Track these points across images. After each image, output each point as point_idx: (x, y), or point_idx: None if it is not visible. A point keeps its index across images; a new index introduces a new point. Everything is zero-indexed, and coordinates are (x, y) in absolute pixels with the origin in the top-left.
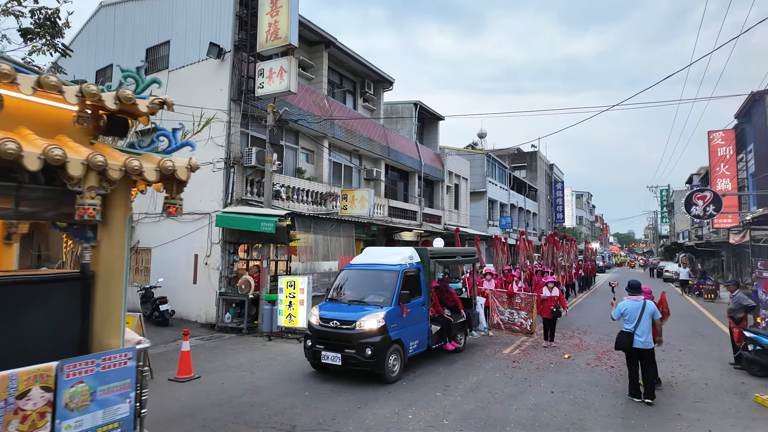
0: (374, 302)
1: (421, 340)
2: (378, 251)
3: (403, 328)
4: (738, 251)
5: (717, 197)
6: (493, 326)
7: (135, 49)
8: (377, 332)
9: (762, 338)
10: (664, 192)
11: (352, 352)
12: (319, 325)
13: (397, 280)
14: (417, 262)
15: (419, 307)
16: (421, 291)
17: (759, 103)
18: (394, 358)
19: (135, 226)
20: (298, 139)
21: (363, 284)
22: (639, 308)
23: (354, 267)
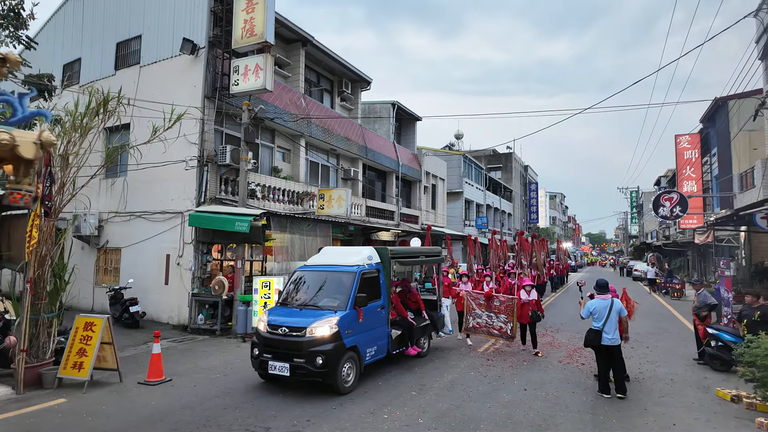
0: (328, 306)
1: (380, 345)
2: (336, 251)
3: (360, 333)
4: (703, 251)
5: (683, 199)
6: (469, 330)
7: (105, 43)
8: (329, 339)
9: (724, 335)
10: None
11: (301, 361)
12: (267, 333)
13: (354, 282)
14: (377, 262)
15: (378, 310)
16: (381, 293)
17: (722, 109)
18: (348, 367)
19: (104, 225)
20: (275, 138)
21: (317, 287)
22: (607, 307)
23: (308, 268)
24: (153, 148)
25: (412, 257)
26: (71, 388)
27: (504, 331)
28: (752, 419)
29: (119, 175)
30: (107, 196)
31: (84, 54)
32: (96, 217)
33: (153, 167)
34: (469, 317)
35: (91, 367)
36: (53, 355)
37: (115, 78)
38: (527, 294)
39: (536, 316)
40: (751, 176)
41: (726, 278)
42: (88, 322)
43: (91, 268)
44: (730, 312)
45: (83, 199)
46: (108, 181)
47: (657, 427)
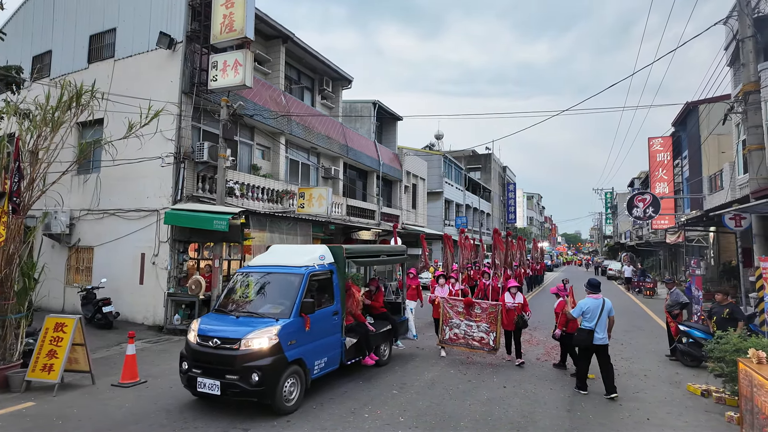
0: (269, 314)
1: (332, 356)
2: (285, 250)
3: (306, 344)
4: (674, 250)
5: (656, 200)
6: (445, 342)
7: (77, 35)
8: (268, 352)
9: (694, 331)
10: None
11: (234, 378)
12: (197, 344)
13: (301, 285)
14: (330, 263)
15: (329, 317)
16: (334, 297)
17: (693, 113)
18: (290, 383)
19: (75, 224)
20: (254, 135)
21: (259, 291)
22: (599, 306)
23: (251, 269)
24: (128, 145)
25: (372, 256)
26: (40, 391)
27: (485, 343)
28: (722, 413)
29: (92, 172)
30: (79, 194)
31: (55, 46)
32: (67, 215)
33: (128, 164)
34: (445, 327)
35: (62, 369)
36: (21, 357)
37: (88, 71)
38: (512, 297)
39: (522, 323)
40: (719, 179)
41: (696, 277)
42: (58, 322)
43: (62, 268)
44: (700, 309)
45: (54, 196)
46: (80, 178)
47: (632, 422)
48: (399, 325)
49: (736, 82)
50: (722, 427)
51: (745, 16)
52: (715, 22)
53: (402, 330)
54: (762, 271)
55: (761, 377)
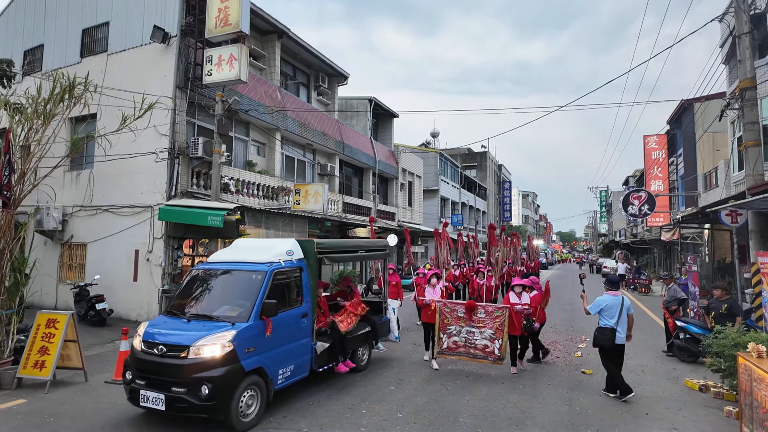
0: (224, 317)
1: (300, 363)
2: (249, 244)
3: (268, 351)
4: (669, 248)
5: (651, 197)
6: (443, 352)
7: (69, 29)
8: (221, 362)
9: (691, 327)
10: (603, 192)
11: (180, 391)
12: (141, 351)
13: (262, 284)
14: (298, 258)
15: (297, 319)
16: (303, 298)
17: (688, 111)
18: (248, 396)
19: (68, 220)
20: (249, 131)
21: (216, 290)
22: (619, 304)
23: (209, 266)
24: (121, 140)
25: (348, 252)
26: (32, 388)
27: (490, 351)
28: (720, 408)
29: (85, 167)
30: (72, 189)
31: (47, 40)
32: (60, 211)
33: (121, 159)
34: (443, 335)
35: (54, 366)
36: (12, 354)
37: (81, 66)
38: (518, 297)
39: (530, 327)
40: (714, 176)
41: (693, 273)
42: (50, 318)
43: (55, 264)
44: (696, 305)
45: (47, 191)
46: (73, 173)
47: (630, 417)
48: (380, 326)
49: (731, 80)
50: (721, 421)
51: (741, 13)
52: (711, 19)
53: (383, 332)
54: (760, 266)
55: (761, 371)
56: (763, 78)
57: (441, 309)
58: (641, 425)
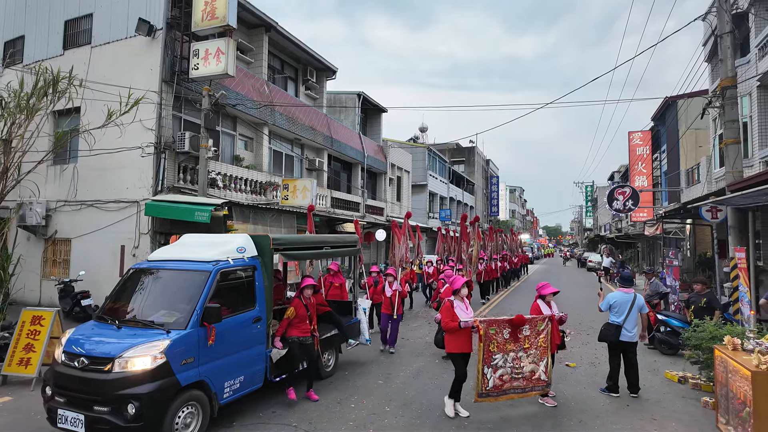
0: (159, 324)
1: (251, 373)
2: (196, 240)
3: (212, 361)
4: (652, 242)
5: (635, 193)
6: (487, 395)
7: (51, 20)
8: (151, 376)
9: (672, 320)
10: (589, 188)
11: (103, 410)
12: (61, 364)
13: (205, 286)
14: (252, 256)
15: (248, 325)
16: (256, 300)
17: (672, 108)
18: (186, 414)
19: (52, 215)
20: (236, 126)
21: (154, 293)
22: (629, 301)
23: (148, 264)
24: (106, 134)
25: (311, 248)
26: (17, 385)
27: (537, 378)
28: (698, 398)
29: (69, 162)
30: (56, 184)
31: (28, 31)
32: (43, 206)
33: (106, 154)
34: (487, 369)
35: (40, 364)
36: None
37: (64, 58)
38: (549, 307)
39: (563, 343)
40: (696, 172)
41: (674, 268)
42: (35, 315)
43: (38, 260)
44: (677, 299)
45: (30, 186)
46: (56, 168)
47: (612, 408)
48: (348, 328)
49: (714, 78)
50: (698, 412)
51: (723, 12)
52: (695, 18)
53: (353, 334)
54: (737, 261)
55: (736, 363)
56: (743, 77)
57: (486, 331)
58: (622, 416)
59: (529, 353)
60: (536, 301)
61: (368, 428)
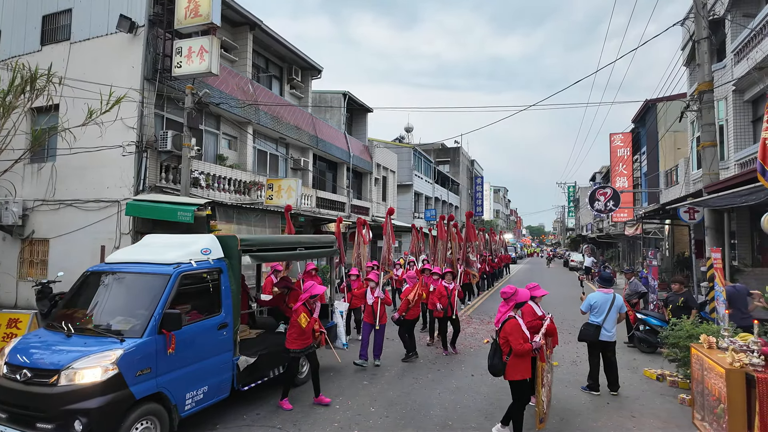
0: (113, 331)
1: (217, 383)
2: (159, 240)
3: (171, 371)
4: (632, 242)
5: (616, 193)
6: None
7: (29, 15)
8: (101, 389)
9: (650, 319)
10: (571, 188)
11: (47, 428)
12: (3, 377)
13: (165, 290)
14: (217, 258)
15: (213, 332)
16: (221, 305)
17: (651, 110)
18: (142, 429)
19: (29, 215)
20: (220, 124)
21: (110, 298)
22: (609, 301)
23: (105, 267)
24: (86, 132)
25: (283, 248)
26: None
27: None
28: (675, 395)
29: (47, 160)
30: (33, 183)
31: (4, 26)
32: (20, 205)
33: (86, 152)
34: (543, 389)
35: None
36: None
37: (42, 54)
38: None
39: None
40: (675, 174)
41: (653, 267)
42: (12, 318)
43: (14, 261)
44: (656, 298)
45: (5, 185)
46: (34, 166)
47: (592, 406)
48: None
49: (691, 82)
50: (675, 408)
51: (701, 18)
52: (673, 23)
53: (330, 338)
54: (713, 261)
55: (711, 361)
56: (719, 81)
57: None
58: (602, 413)
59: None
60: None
61: (353, 429)
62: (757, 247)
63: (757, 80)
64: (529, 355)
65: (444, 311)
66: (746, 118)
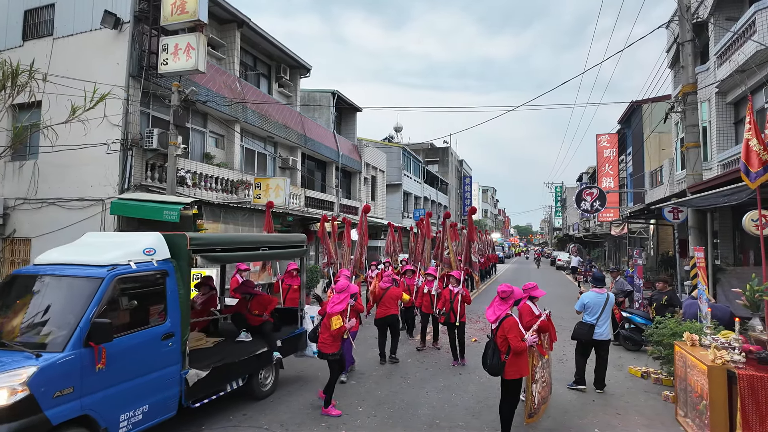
0: (32, 345)
1: (160, 400)
2: (98, 240)
3: (100, 391)
4: (618, 242)
5: (602, 194)
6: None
7: (10, 9)
8: (8, 414)
9: (636, 318)
10: (558, 188)
11: None
12: None
13: (94, 296)
14: (162, 259)
15: (155, 343)
16: (167, 312)
17: (637, 112)
18: None
19: (10, 213)
20: (207, 122)
21: (32, 305)
22: (603, 301)
23: (31, 269)
24: (70, 130)
25: (242, 249)
26: None
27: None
28: (659, 392)
29: (29, 158)
30: (14, 181)
31: None
32: (0, 204)
33: (69, 150)
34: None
35: None
36: None
37: (23, 49)
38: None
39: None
40: (660, 174)
41: (638, 267)
42: None
43: None
44: (641, 297)
45: None
46: (15, 164)
47: (578, 404)
48: (288, 341)
49: (676, 84)
50: (659, 405)
51: (685, 21)
52: (658, 26)
53: (299, 345)
54: (696, 260)
55: (694, 358)
56: (703, 83)
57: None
58: (588, 410)
59: (543, 359)
60: (525, 303)
61: (341, 429)
62: (738, 246)
63: (740, 83)
64: (525, 353)
65: (446, 316)
66: (729, 120)
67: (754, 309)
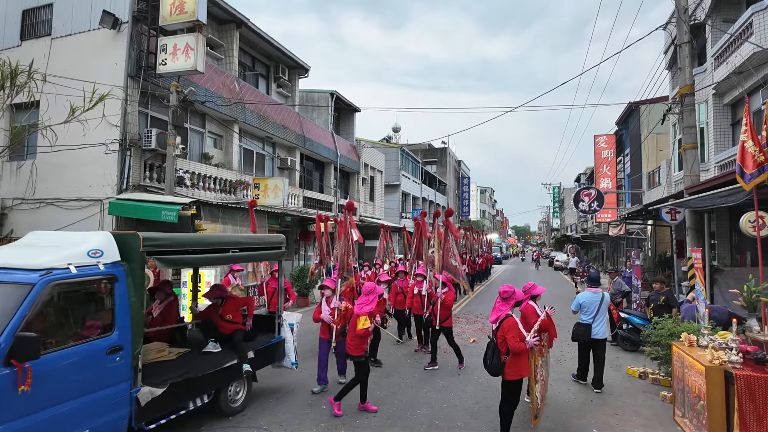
0: None
1: (105, 424)
2: (42, 240)
3: (27, 416)
4: (615, 242)
5: (600, 194)
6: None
7: (8, 9)
8: None
9: (633, 318)
10: (556, 189)
11: None
12: None
13: (20, 306)
14: (110, 262)
15: (99, 358)
16: (113, 323)
17: (635, 113)
18: None
19: (8, 213)
20: (205, 123)
21: None
22: (598, 301)
23: None
24: (69, 130)
25: (207, 251)
26: None
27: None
28: (656, 393)
29: (27, 158)
30: (12, 181)
31: None
32: None
33: (67, 150)
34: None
35: None
36: None
37: (21, 49)
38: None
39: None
40: (657, 175)
41: (636, 267)
42: None
43: None
44: (639, 298)
45: None
46: (13, 164)
47: (576, 404)
48: (264, 351)
49: (673, 85)
50: (657, 405)
51: (682, 23)
52: (656, 28)
53: (276, 356)
54: (694, 261)
55: (691, 359)
56: (700, 85)
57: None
58: (586, 411)
59: (543, 359)
60: (528, 303)
61: (339, 429)
62: (736, 247)
63: (737, 84)
64: (525, 354)
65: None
66: (726, 121)
67: (751, 310)
